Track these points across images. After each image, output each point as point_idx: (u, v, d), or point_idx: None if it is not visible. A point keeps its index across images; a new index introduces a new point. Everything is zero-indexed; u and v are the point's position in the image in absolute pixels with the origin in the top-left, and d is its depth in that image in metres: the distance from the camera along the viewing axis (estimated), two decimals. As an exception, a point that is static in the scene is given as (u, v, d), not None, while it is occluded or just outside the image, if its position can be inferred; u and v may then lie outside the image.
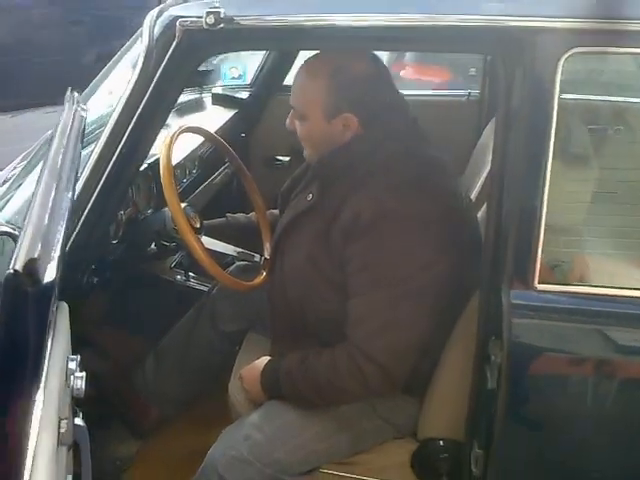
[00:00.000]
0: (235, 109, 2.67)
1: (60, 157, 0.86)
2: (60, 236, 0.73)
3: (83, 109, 1.16)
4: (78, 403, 1.23)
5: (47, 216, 0.72)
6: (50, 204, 0.74)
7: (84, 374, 1.16)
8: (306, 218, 1.54)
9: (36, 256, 0.62)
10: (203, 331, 1.96)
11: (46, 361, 1.04)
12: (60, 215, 0.78)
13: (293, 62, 2.63)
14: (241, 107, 2.70)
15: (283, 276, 1.59)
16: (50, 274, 0.62)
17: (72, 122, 1.00)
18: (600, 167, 1.35)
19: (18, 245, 0.67)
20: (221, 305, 1.95)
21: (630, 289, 1.29)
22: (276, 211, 1.90)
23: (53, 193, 0.78)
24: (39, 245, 0.65)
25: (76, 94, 1.18)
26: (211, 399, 1.88)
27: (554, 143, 1.22)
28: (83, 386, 1.17)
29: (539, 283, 1.28)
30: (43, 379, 1.02)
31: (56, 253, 0.68)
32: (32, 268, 0.62)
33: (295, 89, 1.54)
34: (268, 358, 1.64)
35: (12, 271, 0.61)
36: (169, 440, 2.01)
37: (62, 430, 1.08)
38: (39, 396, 0.97)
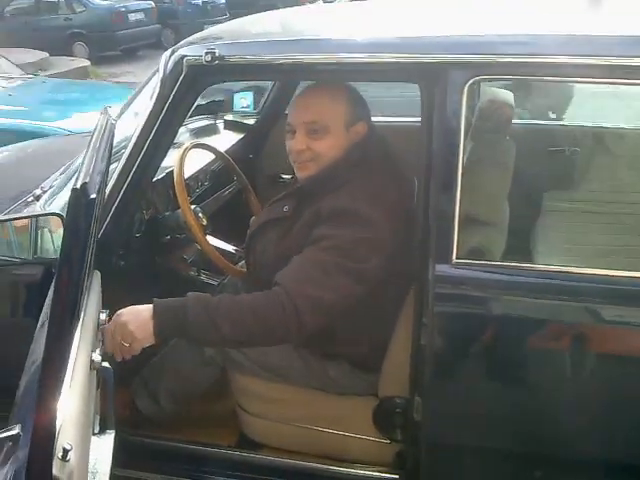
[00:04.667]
0: (243, 133, 3.07)
1: (98, 143, 1.32)
2: (99, 180, 1.18)
3: (114, 120, 1.62)
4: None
5: (92, 166, 1.17)
6: (93, 163, 1.19)
7: (107, 310, 1.57)
8: (278, 224, 1.87)
9: (87, 181, 1.06)
10: None
11: (84, 303, 1.43)
12: (99, 169, 1.23)
13: (293, 94, 3.05)
14: (249, 132, 3.09)
15: (255, 266, 1.96)
16: (93, 195, 1.07)
17: (105, 126, 1.45)
18: (507, 170, 1.73)
19: (75, 177, 1.12)
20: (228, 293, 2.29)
21: (522, 262, 1.66)
22: None
23: (94, 158, 1.23)
24: (88, 177, 1.10)
25: (109, 109, 1.63)
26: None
27: (463, 152, 1.58)
28: (106, 320, 1.58)
29: (456, 259, 1.62)
30: (82, 315, 1.42)
31: (95, 187, 1.13)
32: (85, 188, 1.06)
33: (315, 107, 1.80)
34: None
35: (74, 188, 1.06)
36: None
37: (93, 357, 1.47)
38: (78, 326, 1.37)
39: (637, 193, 1.87)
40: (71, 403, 1.20)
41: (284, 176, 3.02)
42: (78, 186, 1.09)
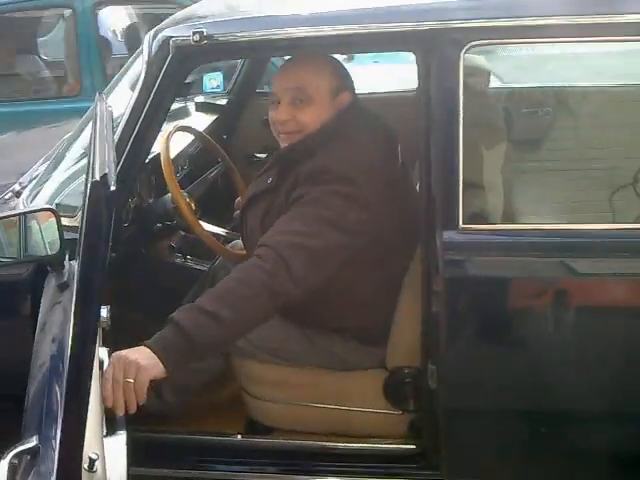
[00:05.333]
0: (216, 114, 3.02)
1: (105, 131, 1.25)
2: (113, 169, 1.12)
3: (110, 106, 1.55)
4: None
5: (106, 153, 1.12)
6: (107, 152, 1.14)
7: (108, 306, 1.52)
8: (263, 196, 1.86)
9: (106, 171, 1.01)
10: None
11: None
12: (112, 159, 1.17)
13: (263, 73, 3.02)
14: (221, 113, 3.04)
15: (246, 237, 1.95)
16: (113, 187, 1.02)
17: (105, 114, 1.38)
18: (506, 135, 1.74)
19: (90, 167, 1.07)
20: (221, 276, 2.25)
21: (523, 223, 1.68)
22: None
23: (106, 147, 1.17)
24: (106, 167, 1.05)
25: (104, 95, 1.56)
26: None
27: (463, 117, 1.58)
28: (108, 316, 1.52)
29: (463, 224, 1.63)
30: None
31: (113, 177, 1.07)
32: (105, 179, 1.01)
33: (300, 74, 1.78)
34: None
35: (95, 181, 1.01)
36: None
37: (100, 356, 1.41)
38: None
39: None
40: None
41: (258, 155, 3.00)
42: (98, 178, 1.04)
